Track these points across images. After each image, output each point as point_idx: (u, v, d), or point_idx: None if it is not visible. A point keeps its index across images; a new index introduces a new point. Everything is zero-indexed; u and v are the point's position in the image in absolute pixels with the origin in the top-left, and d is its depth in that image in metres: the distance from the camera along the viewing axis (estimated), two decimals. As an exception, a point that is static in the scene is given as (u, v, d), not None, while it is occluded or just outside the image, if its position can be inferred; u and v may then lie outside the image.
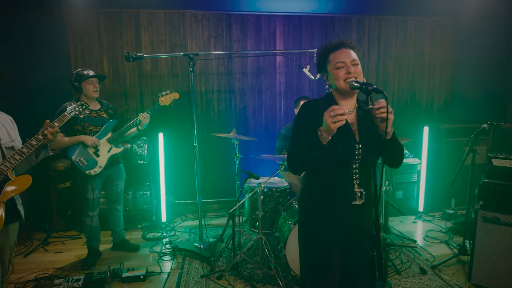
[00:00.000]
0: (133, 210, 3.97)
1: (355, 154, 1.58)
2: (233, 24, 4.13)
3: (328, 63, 1.58)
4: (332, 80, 1.58)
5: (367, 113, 1.63)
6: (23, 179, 1.83)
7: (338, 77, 1.54)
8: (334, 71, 1.55)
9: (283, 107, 4.41)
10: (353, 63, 1.54)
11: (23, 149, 1.84)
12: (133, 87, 4.11)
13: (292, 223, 2.68)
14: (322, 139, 1.46)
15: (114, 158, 3.13)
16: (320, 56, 1.63)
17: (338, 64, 1.53)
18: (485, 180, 2.62)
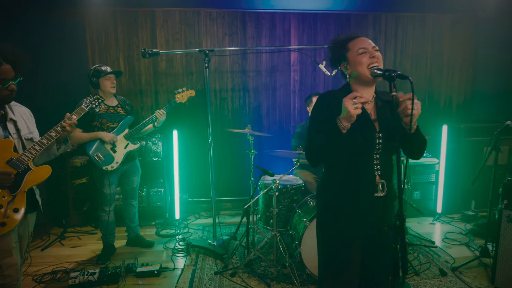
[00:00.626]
0: (147, 207, 3.99)
1: (376, 144, 1.53)
2: (248, 22, 4.13)
3: (347, 51, 1.54)
4: (353, 68, 1.53)
5: (386, 103, 1.59)
6: (43, 169, 1.86)
7: (362, 62, 1.49)
8: (357, 57, 1.50)
9: (297, 105, 4.38)
10: (375, 49, 1.50)
11: (42, 140, 1.86)
12: (148, 85, 4.14)
13: (307, 220, 2.64)
14: (342, 128, 1.42)
15: (131, 154, 3.15)
16: (336, 47, 1.59)
17: (361, 50, 1.49)
18: (510, 178, 2.52)
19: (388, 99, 1.60)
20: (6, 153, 1.77)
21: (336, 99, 1.58)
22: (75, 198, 3.89)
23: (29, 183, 1.80)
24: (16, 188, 1.78)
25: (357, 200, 1.57)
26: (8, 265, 1.76)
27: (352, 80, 1.60)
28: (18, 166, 1.79)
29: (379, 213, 1.59)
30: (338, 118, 1.44)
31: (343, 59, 1.57)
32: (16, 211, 1.73)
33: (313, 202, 2.85)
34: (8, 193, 1.76)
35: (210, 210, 4.40)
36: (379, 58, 1.49)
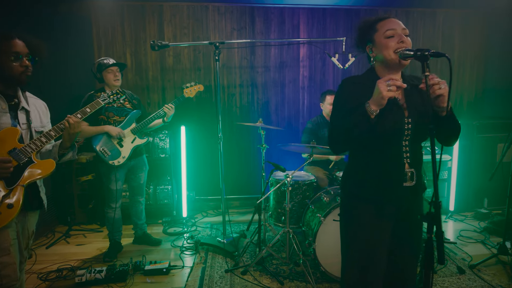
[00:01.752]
0: (154, 205, 3.91)
1: (405, 130, 1.46)
2: (256, 17, 4.07)
3: (375, 32, 1.47)
4: (379, 51, 1.46)
5: (413, 87, 1.52)
6: (46, 163, 1.75)
7: (388, 46, 1.41)
8: (384, 40, 1.43)
9: (306, 101, 4.31)
10: (403, 33, 1.42)
11: (50, 132, 1.77)
12: (155, 81, 4.08)
13: (322, 216, 2.56)
14: (370, 112, 1.36)
15: (138, 149, 3.08)
16: (364, 27, 1.51)
17: (389, 32, 1.42)
18: (532, 172, 2.45)
19: (415, 83, 1.54)
20: (10, 142, 1.65)
21: (360, 84, 1.52)
22: (80, 196, 3.82)
23: (30, 177, 1.67)
24: (13, 181, 1.64)
25: (385, 190, 1.49)
26: (5, 264, 1.62)
27: (377, 64, 1.53)
28: (20, 157, 1.67)
29: (408, 205, 1.52)
30: (367, 102, 1.37)
31: (370, 40, 1.50)
32: (10, 207, 1.59)
33: (327, 198, 2.77)
34: (4, 186, 1.61)
35: (218, 208, 4.33)
36: (408, 43, 1.41)
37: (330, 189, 2.90)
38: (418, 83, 1.54)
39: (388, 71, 1.49)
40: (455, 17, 4.33)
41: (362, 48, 1.57)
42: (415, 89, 1.50)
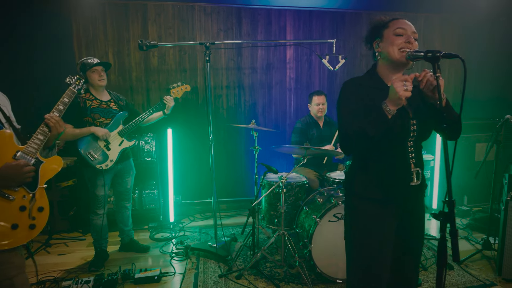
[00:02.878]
0: (140, 210, 3.78)
1: (411, 131, 1.48)
2: (243, 18, 4.04)
3: (386, 28, 1.47)
4: (385, 47, 1.46)
5: (414, 88, 1.53)
6: (55, 160, 1.68)
7: (395, 43, 1.42)
8: (392, 36, 1.44)
9: (293, 103, 4.32)
10: (413, 36, 1.44)
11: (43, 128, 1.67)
12: (139, 82, 3.95)
13: (317, 217, 2.56)
14: (388, 112, 1.34)
15: (125, 152, 2.96)
16: (377, 23, 1.52)
17: (398, 30, 1.43)
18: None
19: (416, 84, 1.55)
20: (9, 147, 1.54)
21: (363, 86, 1.52)
22: (60, 202, 3.62)
23: (46, 177, 1.60)
24: (34, 184, 1.58)
25: (392, 190, 1.50)
26: (20, 283, 1.52)
27: (380, 62, 1.53)
28: (28, 159, 1.58)
29: (413, 203, 1.54)
30: (383, 103, 1.36)
31: (379, 35, 1.50)
32: (41, 210, 1.54)
33: (321, 199, 2.78)
34: (27, 191, 1.55)
35: (205, 212, 4.25)
36: (415, 46, 1.43)
37: (323, 190, 2.91)
38: (416, 83, 1.56)
39: (390, 70, 1.50)
40: (435, 21, 4.49)
41: (369, 43, 1.57)
42: (415, 89, 1.52)
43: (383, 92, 1.43)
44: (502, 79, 4.40)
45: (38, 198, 1.58)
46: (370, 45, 1.57)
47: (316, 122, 3.63)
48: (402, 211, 1.54)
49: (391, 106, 1.34)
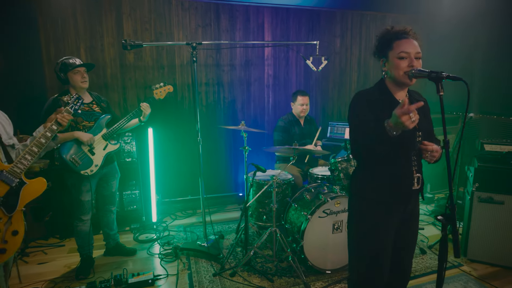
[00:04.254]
0: (121, 212, 3.69)
1: (416, 143, 1.63)
2: (222, 14, 4.00)
3: (391, 49, 1.58)
4: (391, 69, 1.59)
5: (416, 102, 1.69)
6: (38, 182, 1.61)
7: (399, 67, 1.55)
8: (396, 60, 1.56)
9: (271, 99, 4.40)
10: (416, 56, 1.55)
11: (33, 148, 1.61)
12: (114, 79, 3.79)
13: (308, 214, 2.69)
14: (391, 133, 1.43)
15: (110, 156, 2.87)
16: (382, 40, 1.62)
17: (402, 54, 1.54)
18: (480, 164, 2.87)
19: (418, 98, 1.71)
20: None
21: (372, 100, 1.62)
22: (34, 208, 3.42)
23: (26, 199, 1.54)
24: (12, 207, 1.51)
25: (397, 193, 1.66)
26: None
27: (387, 79, 1.66)
28: (11, 180, 1.52)
29: (413, 205, 1.71)
30: (386, 123, 1.42)
31: (385, 56, 1.62)
32: (15, 234, 1.47)
33: (309, 196, 2.91)
34: (4, 213, 1.48)
35: (186, 209, 4.25)
36: (418, 66, 1.54)
37: (310, 187, 3.05)
38: (420, 98, 1.72)
39: (397, 87, 1.64)
40: (402, 21, 4.76)
41: (377, 58, 1.68)
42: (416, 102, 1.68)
43: (392, 104, 1.57)
44: (465, 76, 4.79)
45: (14, 221, 1.52)
46: (378, 59, 1.68)
47: (297, 120, 3.74)
48: (403, 212, 1.70)
49: (395, 130, 1.41)
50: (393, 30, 1.61)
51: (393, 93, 1.66)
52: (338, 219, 2.76)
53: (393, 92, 1.66)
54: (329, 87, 4.62)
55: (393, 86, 1.65)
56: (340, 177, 2.92)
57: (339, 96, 4.70)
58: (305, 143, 3.72)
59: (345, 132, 4.44)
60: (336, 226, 2.76)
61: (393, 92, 1.66)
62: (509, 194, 2.75)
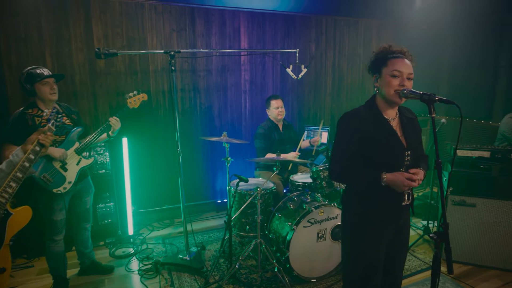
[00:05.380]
0: (95, 226, 3.50)
1: (405, 161, 1.66)
2: (197, 18, 3.89)
3: (385, 66, 1.61)
4: (382, 86, 1.62)
5: (409, 120, 1.74)
6: (23, 211, 1.48)
7: (390, 85, 1.58)
8: (388, 77, 1.58)
9: (248, 105, 4.36)
10: (408, 77, 1.59)
11: (17, 174, 1.47)
12: (84, 86, 3.57)
13: (294, 224, 2.69)
14: (383, 182, 1.58)
15: (83, 171, 2.70)
16: (378, 57, 1.65)
17: (395, 72, 1.57)
18: (454, 169, 3.01)
19: (409, 116, 1.75)
20: None
21: (361, 119, 1.66)
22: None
23: (12, 232, 1.41)
24: None
25: (388, 210, 1.69)
26: None
27: (378, 96, 1.68)
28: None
29: (404, 219, 1.75)
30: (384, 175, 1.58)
31: (378, 72, 1.64)
32: (2, 271, 1.34)
33: (293, 205, 2.91)
34: None
35: (162, 219, 4.12)
36: (409, 86, 1.59)
37: (293, 196, 3.05)
38: (411, 116, 1.76)
39: (388, 105, 1.67)
40: (373, 26, 4.89)
41: (371, 73, 1.70)
42: (409, 121, 1.72)
43: (381, 125, 1.63)
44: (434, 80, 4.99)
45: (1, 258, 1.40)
46: (371, 74, 1.70)
47: (276, 126, 3.74)
48: (395, 226, 1.74)
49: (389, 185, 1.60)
50: (390, 48, 1.63)
51: (383, 111, 1.69)
52: (322, 228, 2.78)
53: (383, 110, 1.69)
54: (305, 91, 4.65)
55: (384, 104, 1.68)
56: (322, 185, 2.95)
57: (315, 100, 4.75)
58: (285, 149, 3.72)
59: (322, 136, 4.50)
60: (320, 235, 2.78)
61: (383, 110, 1.69)
62: (480, 197, 2.91)
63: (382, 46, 1.67)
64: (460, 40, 4.58)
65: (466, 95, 4.46)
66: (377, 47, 1.69)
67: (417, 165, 1.72)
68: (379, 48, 1.68)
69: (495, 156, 2.90)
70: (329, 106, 4.87)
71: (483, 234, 2.93)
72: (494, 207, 2.89)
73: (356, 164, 1.68)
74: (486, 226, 2.92)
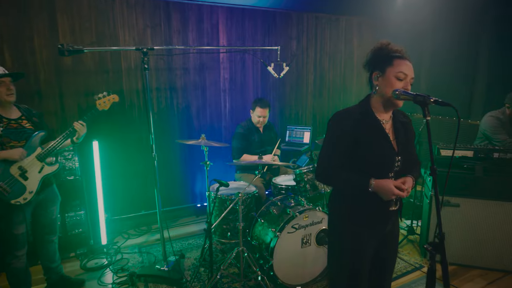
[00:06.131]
0: (63, 237, 3.25)
1: (395, 166, 1.57)
2: (173, 13, 3.68)
3: (390, 66, 1.50)
4: (384, 85, 1.52)
5: (402, 124, 1.64)
6: None
7: (394, 86, 1.49)
8: (393, 79, 1.49)
9: (228, 104, 4.19)
10: (411, 81, 1.52)
11: None
12: (49, 86, 3.30)
13: (277, 231, 2.56)
14: (370, 188, 1.51)
15: (47, 179, 2.47)
16: (382, 53, 1.53)
17: (401, 75, 1.48)
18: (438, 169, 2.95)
19: (403, 120, 1.66)
20: None
21: (354, 119, 1.57)
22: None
23: None
24: None
25: (375, 215, 1.62)
26: None
27: (376, 96, 1.59)
28: None
29: (391, 225, 1.68)
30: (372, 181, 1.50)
31: (381, 69, 1.53)
32: None
33: (276, 210, 2.78)
34: None
35: (139, 226, 3.90)
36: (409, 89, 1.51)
37: (276, 200, 2.92)
38: (405, 119, 1.66)
39: (383, 107, 1.58)
40: (354, 23, 4.82)
41: (368, 69, 1.60)
42: (402, 125, 1.63)
43: (374, 127, 1.55)
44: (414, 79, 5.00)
45: None
46: (368, 70, 1.59)
47: (257, 128, 3.60)
48: (382, 232, 1.66)
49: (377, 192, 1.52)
50: (389, 46, 1.52)
51: (377, 113, 1.59)
52: (307, 233, 2.67)
53: (377, 111, 1.60)
54: (286, 90, 4.53)
55: (379, 105, 1.58)
56: (306, 188, 2.84)
57: (297, 99, 4.64)
58: (265, 151, 3.58)
59: (304, 136, 4.40)
60: (305, 240, 2.67)
61: (377, 111, 1.60)
62: (464, 197, 2.88)
63: (379, 43, 1.56)
64: (440, 38, 4.59)
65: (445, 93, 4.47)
66: (376, 42, 1.57)
67: (408, 171, 1.62)
68: (380, 44, 1.56)
69: (478, 156, 2.88)
70: (311, 105, 4.77)
71: (467, 234, 2.91)
72: (477, 207, 2.87)
73: (345, 167, 1.59)
74: (470, 226, 2.89)
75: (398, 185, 1.51)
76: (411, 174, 1.62)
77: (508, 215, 2.80)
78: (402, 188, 1.51)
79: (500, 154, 2.81)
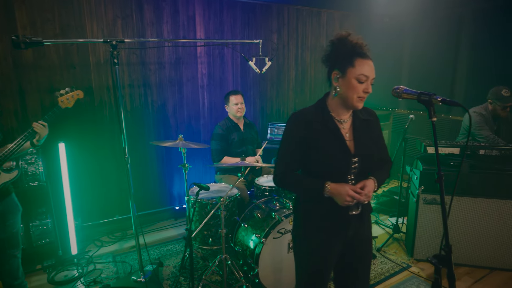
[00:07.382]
0: (28, 249, 2.97)
1: (351, 168, 1.48)
2: (145, 4, 3.42)
3: (351, 66, 1.38)
4: (345, 88, 1.42)
5: (363, 122, 1.53)
6: None
7: (355, 90, 1.40)
8: (354, 81, 1.39)
9: (207, 101, 3.99)
10: (372, 82, 1.42)
11: None
12: (7, 82, 2.99)
13: (262, 237, 2.41)
14: (325, 193, 1.43)
15: (4, 188, 2.20)
16: (341, 50, 1.40)
17: (362, 77, 1.38)
18: (425, 167, 2.90)
19: (367, 118, 1.54)
20: None
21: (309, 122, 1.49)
22: None
23: None
24: None
25: (333, 219, 1.53)
26: None
27: (335, 98, 1.48)
28: None
29: (354, 230, 1.57)
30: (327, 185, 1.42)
31: (341, 69, 1.41)
32: None
33: (260, 214, 2.63)
34: None
35: (113, 232, 3.66)
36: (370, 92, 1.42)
37: (260, 203, 2.77)
38: (367, 117, 1.55)
39: (342, 108, 1.49)
40: (335, 17, 4.71)
41: (327, 66, 1.48)
42: (364, 123, 1.52)
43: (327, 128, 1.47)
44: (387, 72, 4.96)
45: None
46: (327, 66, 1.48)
47: (236, 125, 3.42)
48: (344, 237, 1.56)
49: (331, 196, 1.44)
50: (350, 39, 1.39)
51: (334, 113, 1.50)
52: (293, 237, 2.53)
53: (335, 111, 1.50)
54: (267, 86, 4.38)
55: (338, 106, 1.49)
56: (291, 190, 2.69)
57: (278, 95, 4.49)
58: (246, 150, 3.42)
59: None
60: (291, 245, 2.54)
61: (334, 111, 1.50)
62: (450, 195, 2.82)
63: (339, 34, 1.42)
64: (421, 32, 4.56)
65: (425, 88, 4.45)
66: (335, 35, 1.44)
67: (373, 172, 1.52)
68: (339, 35, 1.42)
69: (464, 153, 2.83)
70: (293, 101, 4.64)
71: (454, 232, 2.86)
72: (464, 204, 2.83)
73: (305, 170, 1.54)
74: (457, 224, 2.85)
75: (355, 190, 1.40)
76: (375, 176, 1.51)
77: (494, 212, 2.78)
78: (358, 192, 1.40)
79: (486, 151, 2.77)
